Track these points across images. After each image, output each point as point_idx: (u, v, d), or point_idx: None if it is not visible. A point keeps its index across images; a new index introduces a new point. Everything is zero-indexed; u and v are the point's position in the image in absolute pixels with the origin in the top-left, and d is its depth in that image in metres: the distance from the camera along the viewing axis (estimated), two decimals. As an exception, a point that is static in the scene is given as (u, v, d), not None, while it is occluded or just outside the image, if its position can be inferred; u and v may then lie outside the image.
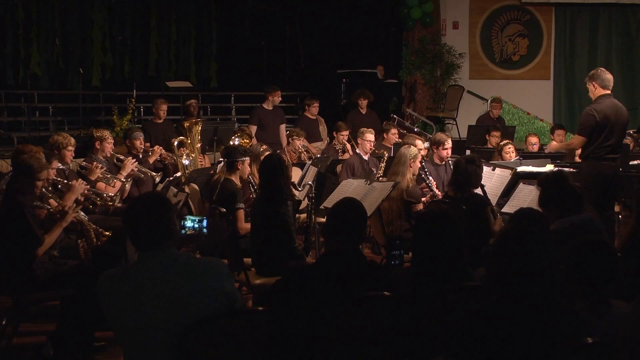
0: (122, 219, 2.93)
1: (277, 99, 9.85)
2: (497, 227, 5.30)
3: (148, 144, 7.83)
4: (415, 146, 6.53)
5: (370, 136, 7.95)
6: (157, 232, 2.75)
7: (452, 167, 6.83)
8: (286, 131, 9.73)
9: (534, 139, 9.24)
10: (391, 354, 3.13)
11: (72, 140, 6.25)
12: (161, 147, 7.27)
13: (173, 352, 2.65)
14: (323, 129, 10.37)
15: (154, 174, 6.78)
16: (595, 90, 6.16)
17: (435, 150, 7.13)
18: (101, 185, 6.37)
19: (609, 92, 6.10)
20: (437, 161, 7.11)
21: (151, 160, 7.14)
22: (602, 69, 6.31)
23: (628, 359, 2.54)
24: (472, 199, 5.41)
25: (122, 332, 2.75)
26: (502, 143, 8.05)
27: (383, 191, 5.75)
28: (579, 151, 8.17)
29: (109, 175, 6.54)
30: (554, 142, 7.48)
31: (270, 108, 9.87)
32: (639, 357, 2.53)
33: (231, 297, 2.79)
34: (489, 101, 11.95)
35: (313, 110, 10.19)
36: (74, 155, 6.38)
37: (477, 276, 3.41)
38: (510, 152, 7.72)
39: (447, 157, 7.03)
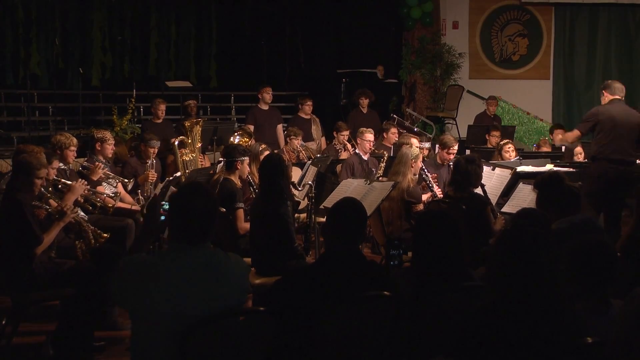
0: (171, 207, 2.85)
1: (266, 95, 9.86)
2: (498, 227, 5.30)
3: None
4: (411, 145, 6.54)
5: (369, 136, 7.94)
6: (208, 227, 2.75)
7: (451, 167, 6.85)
8: (283, 131, 9.74)
9: (578, 149, 9.02)
10: (391, 354, 3.13)
11: (75, 141, 6.24)
12: (156, 175, 7.20)
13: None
14: (317, 128, 10.33)
15: (126, 180, 6.71)
16: (606, 98, 6.45)
17: (439, 151, 7.15)
18: (101, 189, 6.37)
19: (618, 97, 6.31)
20: (438, 161, 7.12)
21: (141, 181, 7.08)
22: (616, 81, 6.65)
23: (620, 358, 2.55)
24: (472, 198, 5.41)
25: (140, 318, 2.71)
26: (502, 142, 8.06)
27: (383, 191, 5.75)
28: (578, 149, 8.18)
29: (110, 175, 6.54)
30: (559, 136, 7.46)
31: (266, 108, 9.90)
32: (630, 356, 2.53)
33: (247, 293, 2.90)
34: (485, 99, 11.95)
35: (306, 109, 10.14)
36: (76, 155, 6.38)
37: (477, 276, 3.41)
38: (510, 152, 7.72)
39: (450, 160, 7.04)
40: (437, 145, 7.59)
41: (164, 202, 5.96)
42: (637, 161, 7.53)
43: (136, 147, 7.65)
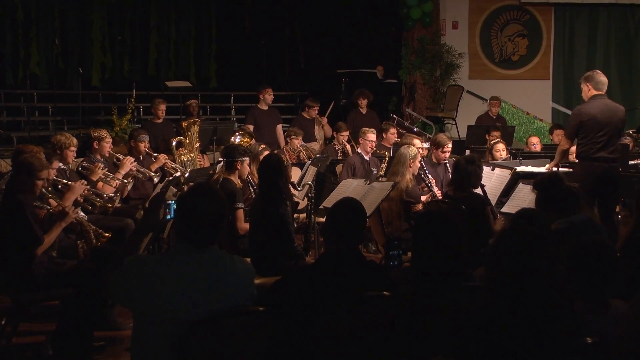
0: (179, 209, 2.81)
1: (268, 96, 9.87)
2: (498, 227, 5.30)
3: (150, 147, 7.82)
4: (414, 146, 6.54)
5: (372, 136, 7.94)
6: (216, 230, 2.74)
7: (450, 167, 6.85)
8: (283, 131, 9.74)
9: (534, 139, 9.26)
10: (391, 354, 3.13)
11: (75, 141, 6.25)
12: (165, 156, 7.22)
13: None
14: (319, 129, 10.34)
15: (153, 174, 6.76)
16: (589, 92, 6.20)
17: (434, 151, 7.14)
18: (99, 183, 6.37)
19: (601, 93, 6.13)
20: (434, 161, 7.11)
21: (153, 168, 7.10)
22: (598, 71, 6.35)
23: (627, 358, 2.55)
24: (472, 198, 5.41)
25: (143, 318, 2.69)
26: (492, 142, 8.01)
27: (382, 191, 5.75)
28: (573, 148, 8.19)
29: (110, 175, 6.54)
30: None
31: (265, 108, 9.91)
32: (637, 357, 2.53)
33: (254, 299, 2.87)
34: (488, 100, 11.96)
35: (312, 113, 10.18)
36: (75, 155, 6.38)
37: (477, 276, 3.41)
38: (500, 151, 7.68)
39: (445, 160, 7.03)
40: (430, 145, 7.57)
41: (171, 202, 5.96)
42: (637, 161, 7.53)
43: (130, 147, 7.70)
